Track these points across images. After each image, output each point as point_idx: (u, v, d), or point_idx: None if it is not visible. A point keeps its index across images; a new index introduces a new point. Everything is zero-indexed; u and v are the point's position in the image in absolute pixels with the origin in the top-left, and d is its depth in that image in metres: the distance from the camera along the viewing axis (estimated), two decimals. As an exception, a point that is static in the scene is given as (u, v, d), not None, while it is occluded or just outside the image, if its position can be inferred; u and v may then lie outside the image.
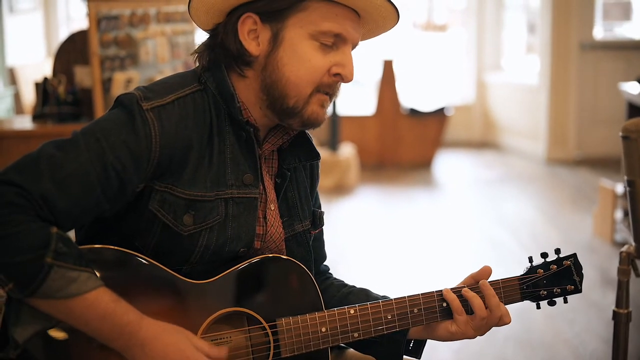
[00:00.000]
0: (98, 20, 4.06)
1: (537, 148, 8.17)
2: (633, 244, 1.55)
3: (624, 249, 1.56)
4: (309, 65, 1.59)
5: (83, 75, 4.29)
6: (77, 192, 1.48)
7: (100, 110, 4.12)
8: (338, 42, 1.61)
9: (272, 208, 1.72)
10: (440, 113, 7.94)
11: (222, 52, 1.64)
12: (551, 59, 7.92)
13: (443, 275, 4.82)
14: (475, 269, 1.77)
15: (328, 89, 1.64)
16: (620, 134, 1.52)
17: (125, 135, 1.52)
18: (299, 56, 1.59)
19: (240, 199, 1.64)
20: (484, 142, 8.95)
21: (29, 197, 1.43)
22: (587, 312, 4.21)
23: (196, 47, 1.73)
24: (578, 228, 5.74)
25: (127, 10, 4.22)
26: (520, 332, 4.00)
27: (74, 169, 1.48)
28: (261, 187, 1.69)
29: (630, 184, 1.53)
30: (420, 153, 7.97)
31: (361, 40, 1.70)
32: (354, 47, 1.66)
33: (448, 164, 8.09)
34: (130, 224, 1.60)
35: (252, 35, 1.61)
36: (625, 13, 9.06)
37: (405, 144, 7.95)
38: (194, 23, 1.83)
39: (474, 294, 1.70)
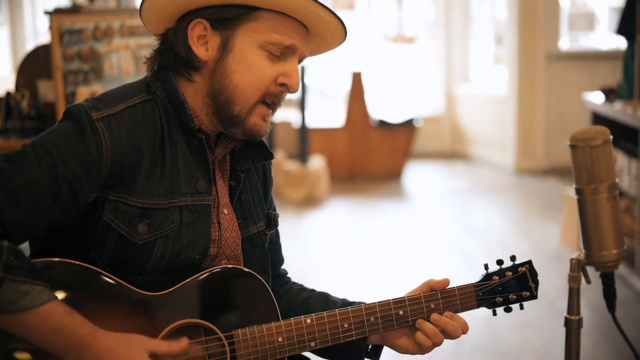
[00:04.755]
0: (61, 34, 4.04)
1: (506, 158, 8.24)
2: (584, 251, 1.57)
3: (574, 256, 1.58)
4: (257, 72, 1.62)
5: (46, 90, 4.26)
6: (28, 204, 1.48)
7: (64, 124, 4.08)
8: (286, 54, 1.64)
9: (226, 212, 1.73)
10: (409, 124, 7.98)
11: (172, 56, 1.65)
12: (518, 69, 8.00)
13: (413, 286, 4.82)
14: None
15: (273, 98, 1.66)
16: (568, 143, 1.54)
17: (76, 146, 1.53)
18: (248, 63, 1.62)
19: (195, 207, 1.65)
20: (453, 153, 9.01)
21: (-20, 211, 1.43)
22: (555, 320, 4.24)
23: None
24: (546, 237, 5.78)
25: (90, 23, 4.20)
26: (488, 341, 4.02)
27: (24, 180, 1.48)
28: (214, 192, 1.70)
29: (578, 192, 1.55)
30: (390, 164, 8.00)
31: (308, 55, 1.72)
32: (300, 60, 1.69)
33: (417, 175, 8.13)
34: (84, 236, 1.59)
35: (201, 41, 1.63)
36: (590, 24, 9.18)
37: (375, 156, 7.97)
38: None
39: (447, 320, 1.75)
